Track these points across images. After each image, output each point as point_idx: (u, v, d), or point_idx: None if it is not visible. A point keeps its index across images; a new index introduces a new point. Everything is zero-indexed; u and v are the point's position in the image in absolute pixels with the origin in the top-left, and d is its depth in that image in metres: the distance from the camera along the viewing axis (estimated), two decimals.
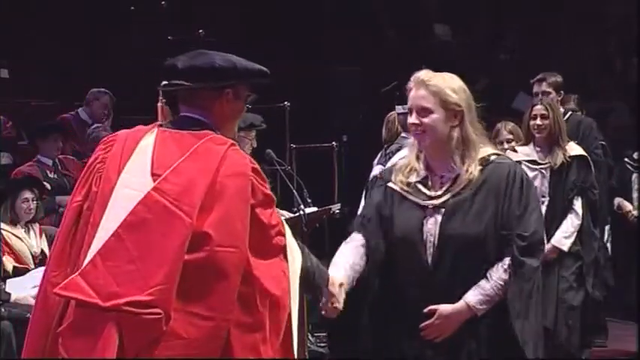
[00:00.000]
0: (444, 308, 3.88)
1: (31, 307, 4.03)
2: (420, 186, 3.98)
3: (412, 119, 3.90)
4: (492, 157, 3.96)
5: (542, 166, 7.17)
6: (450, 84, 3.95)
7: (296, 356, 3.48)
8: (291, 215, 7.54)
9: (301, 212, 7.11)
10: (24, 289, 6.94)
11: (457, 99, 3.91)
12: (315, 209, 7.39)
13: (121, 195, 3.33)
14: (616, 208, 9.41)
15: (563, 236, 7.07)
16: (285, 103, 10.45)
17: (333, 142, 10.29)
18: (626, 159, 9.57)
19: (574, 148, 7.21)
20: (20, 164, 8.96)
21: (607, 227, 8.93)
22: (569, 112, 8.26)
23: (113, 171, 3.40)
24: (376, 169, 5.96)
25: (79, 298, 3.23)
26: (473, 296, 3.86)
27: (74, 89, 10.48)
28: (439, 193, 3.93)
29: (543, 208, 6.70)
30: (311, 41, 12.04)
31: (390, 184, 4.02)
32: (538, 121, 7.14)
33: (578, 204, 7.12)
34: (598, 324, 8.41)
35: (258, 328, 3.32)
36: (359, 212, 4.30)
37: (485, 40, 13.08)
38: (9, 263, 7.32)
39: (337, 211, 8.02)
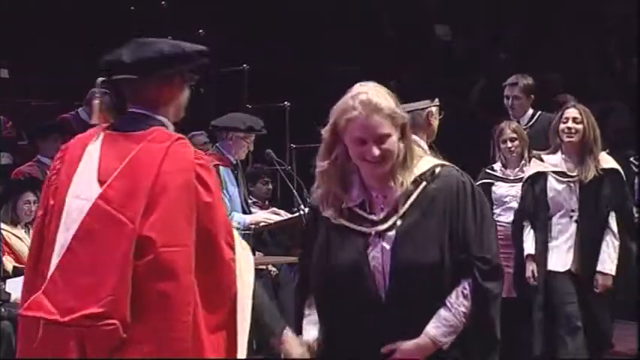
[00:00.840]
0: (405, 346, 3.42)
1: None
2: (358, 210, 3.50)
3: (374, 151, 3.40)
4: (437, 170, 3.55)
5: (571, 179, 6.59)
6: (390, 98, 3.53)
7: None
8: (291, 215, 7.54)
9: (301, 212, 7.11)
10: None
11: (401, 112, 3.57)
12: None
13: (72, 206, 3.28)
14: None
15: (610, 261, 6.54)
16: (285, 103, 10.46)
17: None
18: (631, 159, 9.26)
19: (608, 160, 6.64)
20: (20, 164, 8.96)
21: None
22: (539, 113, 7.93)
23: (64, 182, 3.34)
24: None
25: (41, 316, 3.22)
26: (435, 328, 3.43)
27: (74, 89, 10.48)
28: (382, 216, 3.47)
29: (574, 225, 6.58)
30: (311, 41, 12.04)
31: (324, 214, 3.50)
32: (570, 124, 6.53)
33: (613, 222, 6.57)
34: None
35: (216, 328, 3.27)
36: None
37: (486, 40, 13.08)
38: (9, 263, 7.32)
39: None
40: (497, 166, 7.39)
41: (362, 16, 12.55)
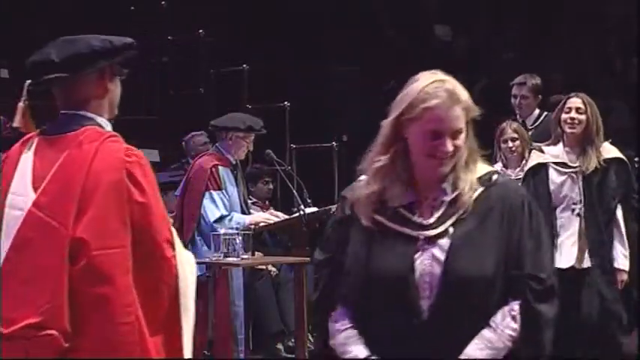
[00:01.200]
0: None
1: None
2: (404, 212, 3.15)
3: (448, 147, 3.07)
4: (494, 177, 3.20)
5: (572, 170, 6.42)
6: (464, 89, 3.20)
7: None
8: (291, 215, 7.54)
9: (301, 212, 7.11)
10: None
11: (473, 105, 3.21)
12: (315, 209, 7.38)
13: (10, 216, 3.23)
14: None
15: (624, 256, 6.40)
16: (285, 103, 10.46)
17: (333, 142, 10.29)
18: (636, 159, 9.01)
19: (610, 150, 6.49)
20: None
21: None
22: (545, 113, 7.89)
23: (3, 192, 3.27)
24: None
25: None
26: (478, 350, 3.10)
27: None
28: (432, 220, 3.12)
29: (576, 219, 6.44)
30: (311, 41, 12.03)
31: (362, 215, 3.16)
32: (573, 114, 6.39)
33: (620, 214, 6.44)
34: None
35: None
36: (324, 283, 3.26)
37: (486, 40, 13.07)
38: None
39: None
40: (498, 166, 7.37)
41: (362, 16, 12.54)
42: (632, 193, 6.51)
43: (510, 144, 7.22)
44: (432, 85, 3.12)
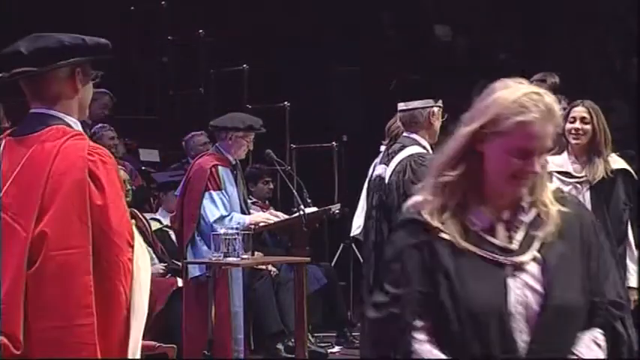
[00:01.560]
0: None
1: None
2: (485, 235, 2.80)
3: (535, 167, 2.74)
4: (560, 194, 2.90)
5: (577, 180, 6.02)
6: None
7: None
8: (291, 215, 7.54)
9: (301, 212, 7.11)
10: None
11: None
12: (315, 209, 7.38)
13: None
14: None
15: (634, 272, 5.95)
16: (285, 103, 10.46)
17: (333, 142, 10.29)
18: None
19: (616, 161, 6.12)
20: None
21: None
22: None
23: None
24: (379, 169, 5.93)
25: None
26: None
27: None
28: (515, 244, 2.79)
29: None
30: (311, 41, 12.03)
31: (442, 235, 2.77)
32: (577, 124, 6.02)
33: (630, 230, 5.99)
34: None
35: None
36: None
37: (485, 40, 13.07)
38: None
39: (337, 211, 8.01)
40: None
41: (362, 17, 12.54)
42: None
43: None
44: (529, 96, 2.74)
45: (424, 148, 5.77)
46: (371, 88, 11.54)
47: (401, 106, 5.86)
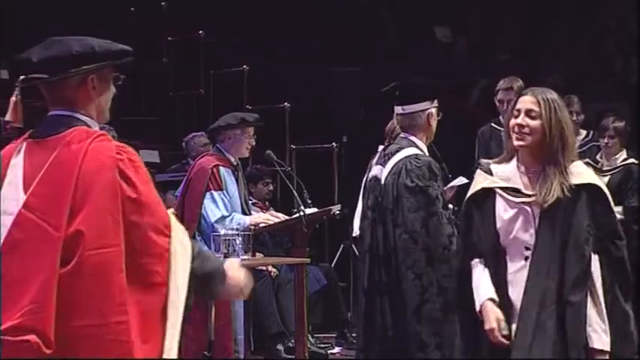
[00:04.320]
0: None
1: None
2: None
3: None
4: None
5: (526, 200, 4.12)
6: None
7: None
8: (291, 216, 7.54)
9: (301, 213, 7.11)
10: None
11: None
12: (315, 210, 7.38)
13: (1, 222, 3.21)
14: None
15: (603, 331, 4.29)
16: (285, 103, 10.46)
17: (333, 143, 10.29)
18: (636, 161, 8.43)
19: (581, 173, 4.27)
20: None
21: None
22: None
23: None
24: (375, 170, 5.92)
25: None
26: None
27: None
28: None
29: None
30: (311, 41, 12.03)
31: None
32: (521, 119, 4.31)
33: (597, 271, 4.28)
34: None
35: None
36: None
37: (485, 41, 13.08)
38: None
39: (337, 212, 8.01)
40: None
41: (362, 17, 12.54)
42: (615, 239, 4.33)
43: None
44: None
45: (420, 149, 5.77)
46: (371, 88, 11.53)
47: (398, 109, 5.84)
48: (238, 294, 3.51)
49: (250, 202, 8.11)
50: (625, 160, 8.13)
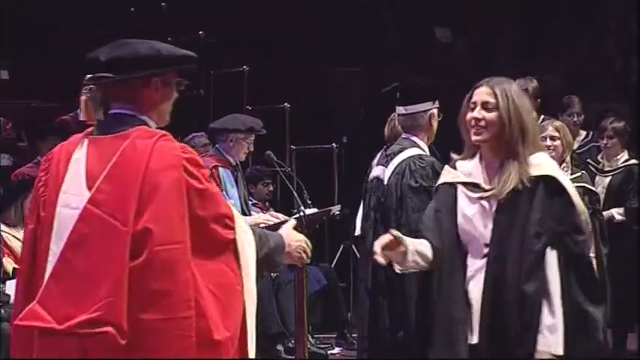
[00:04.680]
0: None
1: None
2: None
3: None
4: None
5: (485, 194, 4.11)
6: None
7: (253, 354, 3.46)
8: (291, 217, 7.54)
9: (301, 214, 7.10)
10: None
11: None
12: (315, 210, 7.38)
13: (63, 215, 3.28)
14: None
15: (556, 336, 4.07)
16: (285, 104, 10.46)
17: (333, 144, 10.29)
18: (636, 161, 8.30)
19: (541, 164, 4.05)
20: (20, 165, 8.96)
21: None
22: (542, 117, 7.34)
23: (53, 192, 3.34)
24: (377, 170, 5.92)
25: (36, 325, 3.21)
26: None
27: (74, 90, 10.47)
28: None
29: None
30: (311, 42, 12.03)
31: None
32: (477, 112, 4.13)
33: (554, 270, 4.04)
34: None
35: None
36: None
37: (485, 41, 13.08)
38: (9, 265, 7.31)
39: (337, 212, 8.01)
40: None
41: (362, 17, 12.54)
42: (575, 234, 4.09)
43: (549, 142, 6.33)
44: None
45: (423, 150, 5.77)
46: (371, 88, 11.54)
47: (400, 110, 5.85)
48: (299, 259, 3.85)
49: (250, 202, 8.11)
50: (626, 161, 8.14)
